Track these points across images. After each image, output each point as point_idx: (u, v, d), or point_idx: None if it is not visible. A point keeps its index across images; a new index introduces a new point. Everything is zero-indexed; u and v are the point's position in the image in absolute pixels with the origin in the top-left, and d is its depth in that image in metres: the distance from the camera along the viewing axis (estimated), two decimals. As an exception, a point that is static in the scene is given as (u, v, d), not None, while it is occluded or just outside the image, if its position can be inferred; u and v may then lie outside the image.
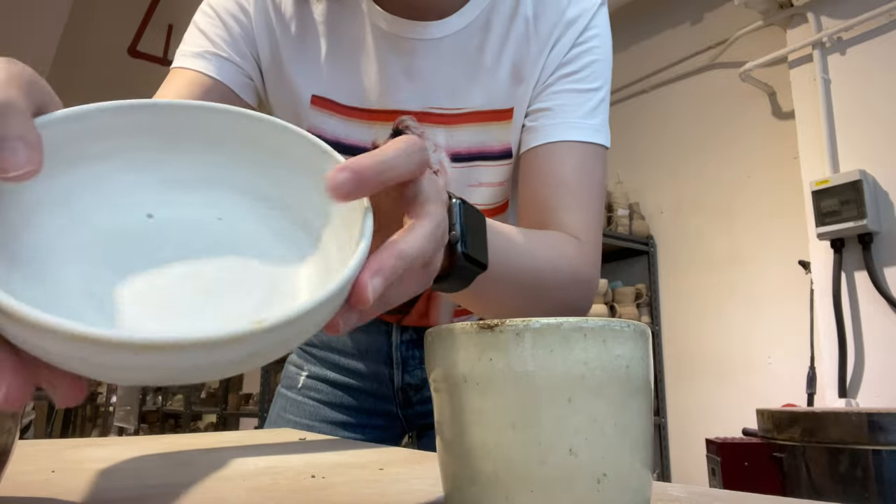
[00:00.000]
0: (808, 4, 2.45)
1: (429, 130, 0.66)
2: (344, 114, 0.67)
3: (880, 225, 2.18)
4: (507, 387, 0.27)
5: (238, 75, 0.66)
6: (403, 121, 0.66)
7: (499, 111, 0.66)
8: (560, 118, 0.64)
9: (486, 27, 0.65)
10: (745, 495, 0.39)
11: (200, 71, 0.64)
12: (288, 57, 0.66)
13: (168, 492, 0.40)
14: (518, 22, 0.65)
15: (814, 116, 2.39)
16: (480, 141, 0.66)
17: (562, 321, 0.27)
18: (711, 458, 1.52)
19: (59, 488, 0.40)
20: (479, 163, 0.66)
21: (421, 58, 0.64)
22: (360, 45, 0.65)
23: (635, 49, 3.39)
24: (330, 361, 0.86)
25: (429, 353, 0.31)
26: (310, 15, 0.67)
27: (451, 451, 0.29)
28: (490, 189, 0.68)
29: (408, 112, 0.66)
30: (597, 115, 0.66)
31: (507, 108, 0.66)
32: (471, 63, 0.65)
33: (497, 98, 0.66)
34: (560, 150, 0.63)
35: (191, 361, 0.24)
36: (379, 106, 0.66)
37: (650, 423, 0.29)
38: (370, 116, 0.66)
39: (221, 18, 0.66)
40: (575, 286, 0.61)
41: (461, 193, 0.66)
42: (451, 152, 0.66)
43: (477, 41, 0.65)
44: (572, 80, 0.65)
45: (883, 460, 1.20)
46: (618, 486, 0.27)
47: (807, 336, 2.41)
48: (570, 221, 0.62)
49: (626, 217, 3.11)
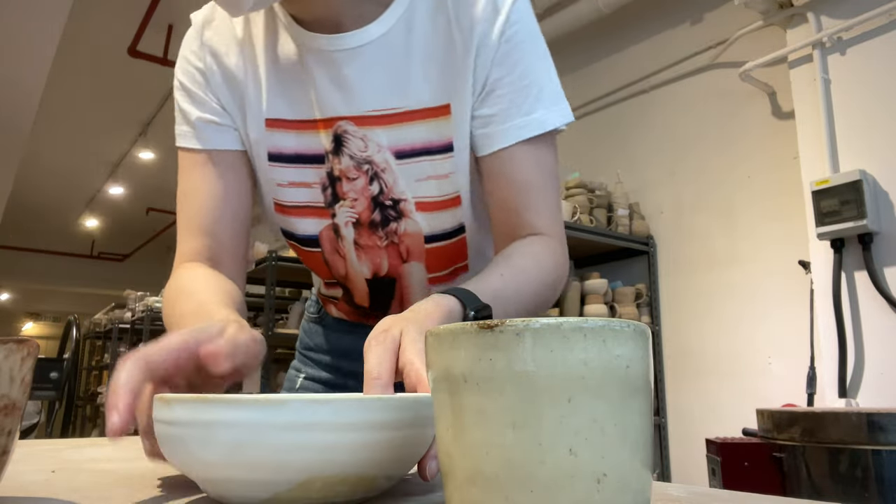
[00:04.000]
0: (808, 4, 2.45)
1: (370, 132, 0.70)
2: (294, 128, 0.72)
3: (880, 225, 2.18)
4: (507, 387, 0.27)
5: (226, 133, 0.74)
6: (341, 125, 0.71)
7: (436, 108, 0.70)
8: (508, 121, 0.69)
9: (409, 30, 0.68)
10: (745, 495, 0.39)
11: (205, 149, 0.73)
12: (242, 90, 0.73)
13: (168, 491, 0.40)
14: (439, 20, 0.68)
15: (814, 116, 2.39)
16: (422, 137, 0.70)
17: (562, 321, 0.27)
18: (711, 458, 1.52)
19: (59, 488, 0.40)
20: (423, 158, 0.70)
21: (345, 67, 0.69)
22: (293, 63, 0.71)
23: (635, 49, 3.39)
24: (325, 363, 0.90)
25: (429, 353, 0.31)
26: (250, 44, 0.73)
27: (451, 452, 0.29)
28: (437, 181, 0.71)
29: (345, 118, 0.70)
30: (541, 102, 0.70)
31: (444, 104, 0.69)
32: (398, 66, 0.69)
33: (432, 96, 0.69)
34: (515, 153, 0.69)
35: None
36: (320, 115, 0.71)
37: (650, 423, 0.29)
38: (316, 126, 0.72)
39: (187, 90, 0.74)
40: (556, 289, 0.71)
41: (410, 187, 0.71)
42: (394, 150, 0.70)
43: (401, 44, 0.69)
44: (509, 81, 0.69)
45: (883, 460, 1.20)
46: (618, 486, 0.27)
47: (807, 336, 2.41)
48: (536, 221, 0.70)
49: (626, 217, 3.11)
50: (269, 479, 0.33)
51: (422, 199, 0.72)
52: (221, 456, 0.33)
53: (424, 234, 0.74)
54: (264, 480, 0.33)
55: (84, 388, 7.86)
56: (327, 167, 0.72)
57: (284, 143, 0.72)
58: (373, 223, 0.74)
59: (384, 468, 0.35)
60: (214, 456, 0.33)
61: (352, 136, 0.71)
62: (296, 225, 0.76)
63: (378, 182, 0.72)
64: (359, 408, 0.33)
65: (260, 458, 0.32)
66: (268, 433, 0.32)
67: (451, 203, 0.72)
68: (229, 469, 0.33)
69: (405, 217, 0.73)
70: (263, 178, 0.75)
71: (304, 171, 0.73)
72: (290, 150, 0.72)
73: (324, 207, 0.74)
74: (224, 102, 0.73)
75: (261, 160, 0.73)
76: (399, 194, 0.72)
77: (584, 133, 3.61)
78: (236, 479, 0.33)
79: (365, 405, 0.34)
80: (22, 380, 0.34)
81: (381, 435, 0.34)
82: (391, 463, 0.35)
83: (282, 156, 0.73)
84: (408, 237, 0.74)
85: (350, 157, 0.71)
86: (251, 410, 0.32)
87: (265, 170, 0.74)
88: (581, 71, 3.66)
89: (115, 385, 0.41)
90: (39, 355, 0.37)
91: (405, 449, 0.36)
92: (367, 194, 0.72)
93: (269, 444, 0.32)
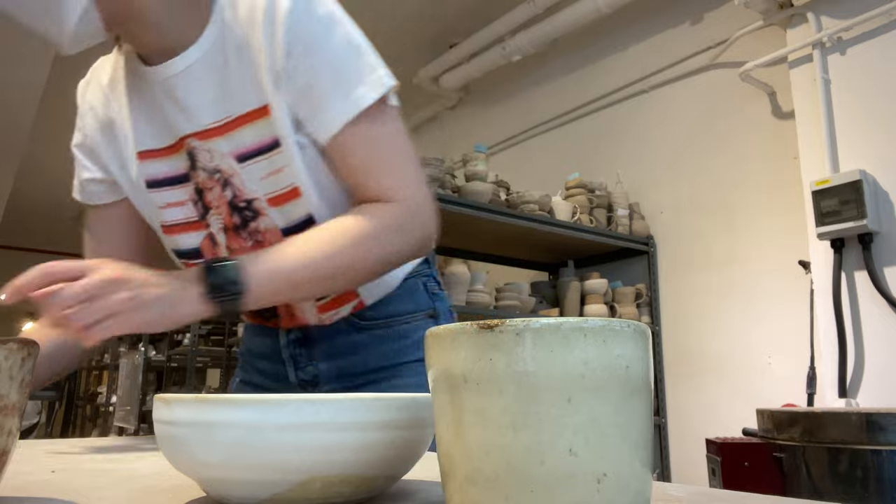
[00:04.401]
0: (808, 4, 2.45)
1: (212, 144, 0.77)
2: (160, 155, 0.81)
3: (880, 225, 2.18)
4: (507, 387, 0.27)
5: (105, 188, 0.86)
6: (190, 143, 0.78)
7: (257, 110, 0.76)
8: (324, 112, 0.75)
9: (223, 48, 0.76)
10: (745, 495, 0.39)
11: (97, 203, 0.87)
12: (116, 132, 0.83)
13: (168, 491, 0.40)
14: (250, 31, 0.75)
15: (814, 116, 2.39)
16: (252, 139, 0.77)
17: (562, 321, 0.27)
18: (711, 458, 1.52)
19: (59, 488, 0.40)
20: (259, 157, 0.77)
21: (178, 89, 0.77)
22: (144, 96, 0.80)
23: (635, 49, 3.39)
24: (252, 365, 0.97)
25: (429, 353, 0.31)
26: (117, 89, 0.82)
27: (451, 451, 0.29)
28: (275, 176, 0.77)
29: (190, 135, 0.78)
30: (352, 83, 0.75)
31: (263, 105, 0.76)
32: (221, 79, 0.76)
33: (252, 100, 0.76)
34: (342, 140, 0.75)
35: None
36: (173, 138, 0.79)
37: (650, 423, 0.29)
38: (174, 149, 0.80)
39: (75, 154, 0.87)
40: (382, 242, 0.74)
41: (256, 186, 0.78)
42: (235, 155, 0.77)
43: (219, 58, 0.76)
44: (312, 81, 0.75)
45: (883, 460, 1.20)
46: (618, 486, 0.27)
47: (807, 336, 2.41)
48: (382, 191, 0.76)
49: (626, 217, 3.10)
50: (269, 479, 0.33)
51: (269, 195, 0.78)
52: (221, 456, 0.33)
53: (280, 228, 0.79)
54: (264, 480, 0.33)
55: (84, 388, 7.86)
56: (193, 183, 0.80)
57: (155, 170, 0.81)
58: (236, 226, 0.80)
59: (384, 468, 0.35)
60: (214, 456, 0.33)
61: (200, 150, 0.78)
62: (180, 241, 0.83)
63: (230, 188, 0.78)
64: (359, 408, 0.33)
65: (260, 458, 0.32)
66: (268, 433, 0.32)
67: (291, 195, 0.77)
68: (229, 469, 0.33)
69: (261, 215, 0.78)
70: (147, 206, 0.83)
71: (176, 192, 0.81)
72: (162, 174, 0.81)
73: (198, 220, 0.81)
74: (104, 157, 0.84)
75: (141, 189, 0.82)
76: (250, 194, 0.78)
77: (584, 133, 3.61)
78: (236, 479, 0.33)
79: (365, 405, 0.34)
80: (22, 380, 0.34)
81: (381, 435, 0.34)
82: (391, 463, 0.36)
83: (156, 181, 0.81)
84: (269, 233, 0.79)
85: (203, 169, 0.79)
86: (251, 411, 0.32)
87: (147, 197, 0.82)
88: (581, 71, 3.66)
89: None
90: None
91: (405, 449, 0.36)
92: (224, 200, 0.79)
93: (269, 444, 0.32)
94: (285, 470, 0.33)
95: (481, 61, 3.72)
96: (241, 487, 0.34)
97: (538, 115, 3.84)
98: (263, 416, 0.32)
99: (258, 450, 0.32)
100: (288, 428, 0.32)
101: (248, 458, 0.32)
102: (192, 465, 0.34)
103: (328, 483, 0.34)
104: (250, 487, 0.34)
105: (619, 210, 3.10)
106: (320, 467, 0.33)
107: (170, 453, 0.35)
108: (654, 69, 3.25)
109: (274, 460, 0.32)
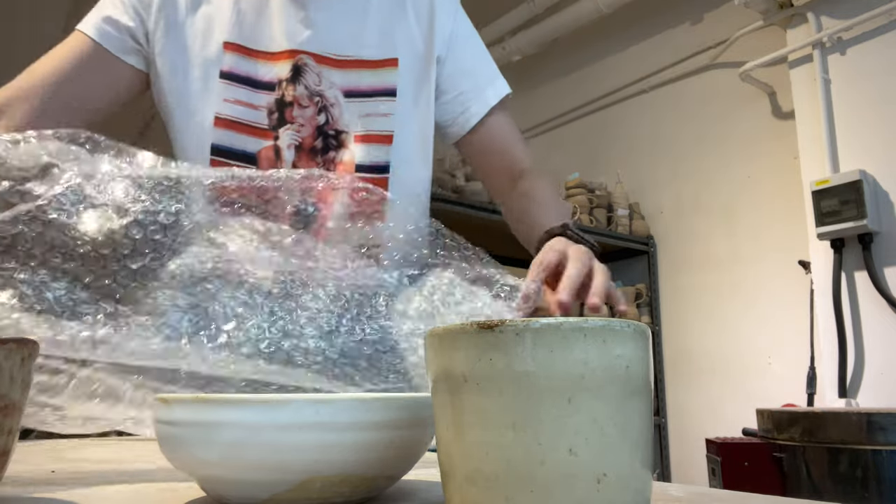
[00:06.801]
0: (808, 4, 2.44)
1: (325, 71, 0.81)
2: (253, 56, 0.81)
3: (880, 225, 2.18)
4: (507, 387, 0.27)
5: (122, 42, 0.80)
6: (302, 58, 0.81)
7: (384, 60, 0.82)
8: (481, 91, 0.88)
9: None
10: (745, 495, 0.39)
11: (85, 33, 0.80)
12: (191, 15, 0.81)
13: (168, 491, 0.40)
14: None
15: (814, 116, 2.39)
16: (369, 83, 0.82)
17: (562, 321, 0.27)
18: (711, 458, 1.52)
19: (59, 488, 0.40)
20: (368, 99, 0.82)
21: (314, 10, 0.80)
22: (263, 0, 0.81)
23: (635, 49, 3.39)
24: None
25: (429, 352, 0.31)
26: None
27: (451, 451, 0.29)
28: (376, 118, 0.82)
29: (308, 53, 0.81)
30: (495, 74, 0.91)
31: (392, 57, 0.82)
32: (357, 18, 0.82)
33: (383, 49, 0.82)
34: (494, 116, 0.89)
35: None
36: (280, 48, 0.81)
37: (650, 423, 0.29)
38: (274, 58, 0.81)
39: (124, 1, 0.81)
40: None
41: (353, 122, 0.82)
42: (344, 90, 0.81)
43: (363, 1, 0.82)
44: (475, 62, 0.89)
45: (883, 460, 1.20)
46: (618, 486, 0.27)
47: (807, 336, 2.41)
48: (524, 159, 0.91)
49: (626, 217, 3.10)
50: (269, 479, 0.33)
51: (360, 133, 0.81)
52: (221, 456, 0.33)
53: (356, 163, 0.82)
54: (264, 480, 0.33)
55: (84, 388, 7.84)
56: (277, 94, 0.81)
57: (239, 66, 0.80)
58: (314, 149, 0.81)
59: (384, 468, 0.35)
60: (214, 456, 0.33)
61: (310, 70, 0.81)
62: (234, 140, 0.81)
63: (326, 114, 0.81)
64: (359, 408, 0.34)
65: (260, 458, 0.32)
66: (268, 433, 0.32)
67: (384, 139, 0.82)
68: (229, 469, 0.33)
69: (344, 147, 0.81)
70: (202, 95, 0.80)
71: (253, 94, 0.81)
72: (243, 73, 0.80)
73: (267, 129, 0.81)
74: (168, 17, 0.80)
75: (210, 75, 0.80)
76: (343, 127, 0.81)
77: (584, 133, 3.61)
78: (236, 479, 0.33)
79: (365, 405, 0.34)
80: (22, 380, 0.34)
81: (381, 435, 0.34)
82: (391, 463, 0.36)
83: (234, 76, 0.81)
84: (342, 165, 0.82)
85: (305, 87, 0.81)
86: (251, 410, 0.32)
87: (210, 84, 0.80)
88: (581, 71, 3.66)
89: None
90: (39, 355, 0.37)
91: (405, 449, 0.36)
92: (314, 123, 0.81)
93: (269, 444, 0.32)
94: (285, 470, 0.33)
95: (481, 61, 3.71)
96: (240, 487, 0.34)
97: (538, 115, 3.84)
98: (263, 416, 0.32)
99: (258, 450, 0.32)
100: (288, 428, 0.32)
101: (247, 458, 0.32)
102: (192, 464, 0.34)
103: (328, 483, 0.34)
104: (250, 487, 0.34)
105: (619, 210, 3.10)
106: (320, 467, 0.33)
107: (169, 453, 0.35)
108: (654, 69, 3.25)
109: (274, 460, 0.32)
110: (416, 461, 0.38)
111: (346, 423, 0.33)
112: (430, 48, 0.85)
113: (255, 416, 0.32)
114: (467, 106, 0.87)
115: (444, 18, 0.86)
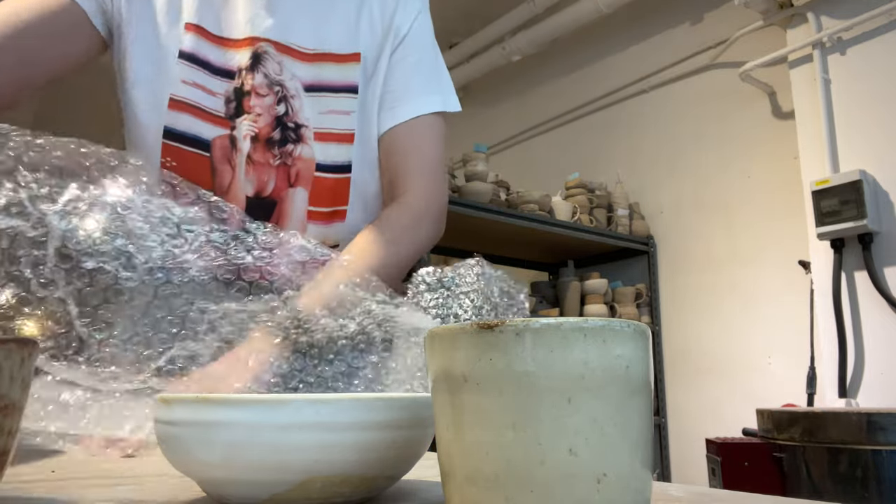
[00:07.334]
0: (808, 4, 2.44)
1: (287, 61, 0.78)
2: (214, 41, 0.78)
3: (880, 225, 2.18)
4: (507, 387, 0.27)
5: (95, 1, 0.76)
6: (262, 46, 0.78)
7: (348, 55, 0.80)
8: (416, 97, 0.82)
9: None
10: (745, 495, 0.39)
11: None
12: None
13: (168, 491, 0.40)
14: None
15: (814, 116, 2.39)
16: (332, 77, 0.79)
17: (562, 321, 0.27)
18: (711, 458, 1.52)
19: (59, 488, 0.40)
20: (328, 94, 0.79)
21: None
22: None
23: (635, 49, 3.39)
24: None
25: (429, 352, 0.31)
26: None
27: (451, 452, 0.29)
28: (337, 116, 0.80)
29: (269, 41, 0.78)
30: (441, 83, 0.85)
31: (355, 52, 0.80)
32: (323, 10, 0.79)
33: (347, 43, 0.79)
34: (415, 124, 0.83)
35: None
36: (242, 35, 0.78)
37: (650, 423, 0.29)
38: (235, 45, 0.78)
39: None
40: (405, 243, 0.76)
41: (313, 118, 0.79)
42: (305, 84, 0.79)
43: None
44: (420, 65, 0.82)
45: (883, 460, 1.20)
46: (618, 486, 0.27)
47: (807, 336, 2.41)
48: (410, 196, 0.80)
49: (626, 217, 3.10)
50: (269, 480, 0.33)
51: (320, 130, 0.79)
52: (221, 456, 0.33)
53: (316, 162, 0.79)
54: (264, 481, 0.33)
55: (84, 388, 7.85)
56: (237, 83, 0.78)
57: (199, 49, 0.78)
58: (270, 140, 0.79)
59: (384, 468, 0.35)
60: (214, 456, 0.33)
61: (270, 59, 0.78)
62: (188, 124, 0.77)
63: (286, 104, 0.78)
64: (359, 408, 0.34)
65: (260, 459, 0.32)
66: (268, 433, 0.32)
67: (345, 138, 0.80)
68: (229, 469, 0.33)
69: (303, 142, 0.79)
70: (161, 74, 0.77)
71: (211, 80, 0.78)
72: (202, 56, 0.78)
73: (223, 118, 0.78)
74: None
75: (168, 53, 0.77)
76: (303, 121, 0.79)
77: (584, 133, 3.61)
78: (236, 479, 0.33)
79: (365, 405, 0.34)
80: (22, 380, 0.34)
81: (381, 435, 0.34)
82: (391, 463, 0.36)
83: (194, 58, 0.78)
84: (301, 161, 0.79)
85: (265, 75, 0.78)
86: (251, 410, 0.32)
87: (167, 63, 0.77)
88: (581, 71, 3.66)
89: None
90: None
91: (405, 449, 0.36)
92: (273, 113, 0.79)
93: (269, 444, 0.32)
94: (285, 470, 0.33)
95: (481, 61, 3.71)
96: (240, 487, 0.34)
97: (538, 115, 3.84)
98: (263, 416, 0.32)
99: (258, 450, 0.32)
100: (288, 428, 0.32)
101: (247, 458, 0.32)
102: (192, 464, 0.34)
103: (328, 483, 0.34)
104: (250, 487, 0.34)
105: (619, 210, 3.10)
106: (320, 467, 0.33)
107: (169, 453, 0.35)
108: (654, 69, 3.25)
109: (274, 460, 0.32)
110: (416, 461, 0.38)
111: (347, 423, 0.33)
112: (385, 43, 0.82)
113: (256, 416, 0.32)
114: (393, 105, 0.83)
115: (403, 16, 0.83)
